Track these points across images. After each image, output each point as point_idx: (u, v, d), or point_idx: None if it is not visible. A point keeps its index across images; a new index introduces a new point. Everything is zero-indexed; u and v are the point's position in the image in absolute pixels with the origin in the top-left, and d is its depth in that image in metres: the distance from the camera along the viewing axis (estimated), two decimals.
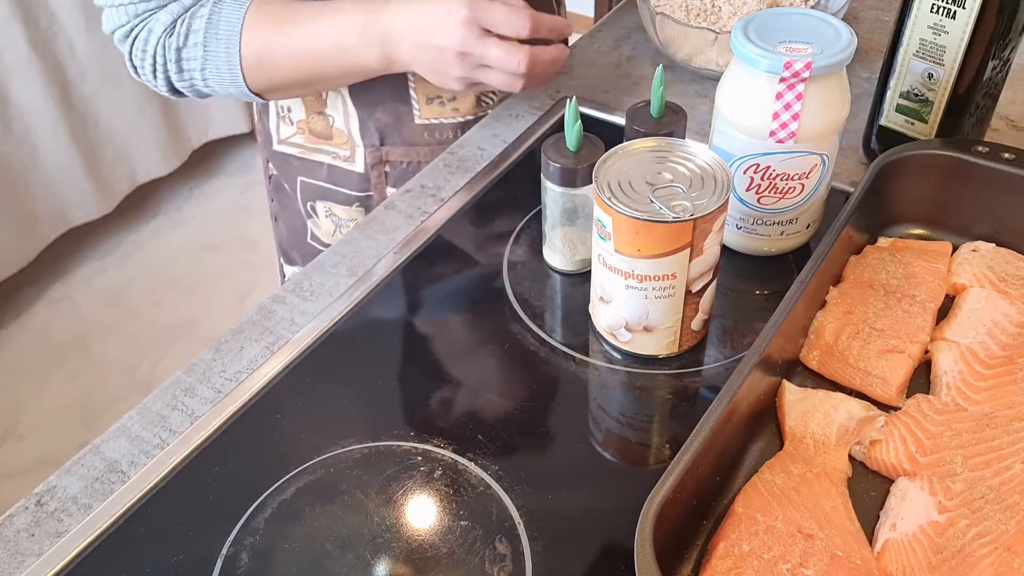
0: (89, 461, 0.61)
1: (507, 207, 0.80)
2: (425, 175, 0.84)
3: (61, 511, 0.58)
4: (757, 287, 0.72)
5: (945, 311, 0.65)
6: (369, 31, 0.77)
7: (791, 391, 0.60)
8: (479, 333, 0.70)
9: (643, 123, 0.69)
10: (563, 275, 0.73)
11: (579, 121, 0.64)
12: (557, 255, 0.72)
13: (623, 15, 1.08)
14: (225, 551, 0.55)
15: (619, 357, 0.66)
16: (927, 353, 0.62)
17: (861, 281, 0.66)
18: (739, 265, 0.72)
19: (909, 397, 0.60)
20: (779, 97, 0.63)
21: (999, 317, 0.63)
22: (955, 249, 0.69)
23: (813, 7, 0.92)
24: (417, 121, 0.92)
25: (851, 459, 0.57)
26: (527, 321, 0.69)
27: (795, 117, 0.63)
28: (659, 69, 0.68)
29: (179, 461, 0.60)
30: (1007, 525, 0.51)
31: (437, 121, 0.93)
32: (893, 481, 0.55)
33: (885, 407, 0.60)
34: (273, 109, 0.97)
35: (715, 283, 0.63)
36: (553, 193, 0.67)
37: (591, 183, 0.59)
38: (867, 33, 1.00)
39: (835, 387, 0.61)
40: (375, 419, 0.63)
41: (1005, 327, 0.62)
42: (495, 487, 0.58)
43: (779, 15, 0.66)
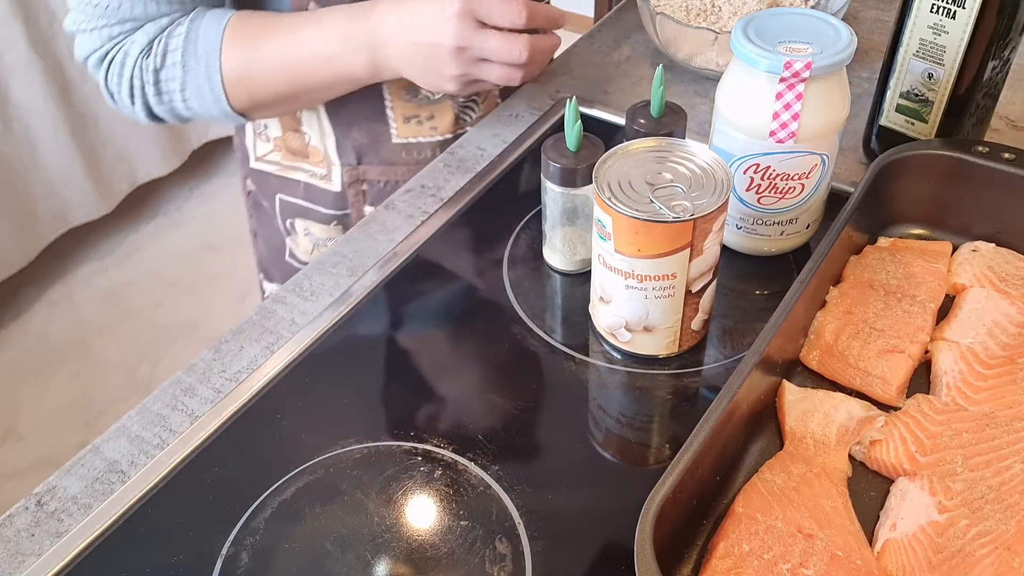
0: (89, 461, 0.61)
1: (507, 207, 0.80)
2: (425, 175, 0.84)
3: (61, 511, 0.58)
4: (757, 287, 0.72)
5: (945, 311, 0.65)
6: (355, 37, 0.75)
7: (791, 391, 0.60)
8: (479, 333, 0.70)
9: (643, 123, 0.69)
10: (563, 275, 0.73)
11: (579, 121, 0.64)
12: (557, 255, 0.72)
13: (623, 15, 1.08)
14: (225, 551, 0.55)
15: (619, 357, 0.66)
16: (927, 353, 0.62)
17: (861, 281, 0.66)
18: (739, 265, 0.72)
19: (909, 397, 0.60)
20: (779, 97, 0.63)
21: (999, 317, 0.63)
22: (955, 249, 0.69)
23: (813, 7, 0.92)
24: (394, 140, 0.91)
25: (851, 459, 0.57)
26: (527, 321, 0.69)
27: (795, 117, 0.63)
28: (659, 69, 0.68)
29: (179, 461, 0.60)
30: (1007, 525, 0.51)
31: (415, 140, 0.91)
32: (893, 481, 0.55)
33: (885, 407, 0.60)
34: (250, 126, 0.96)
35: (715, 283, 0.63)
36: (553, 193, 0.67)
37: (591, 183, 0.59)
38: (867, 33, 1.00)
39: (835, 387, 0.61)
40: (375, 419, 0.63)
41: (1005, 327, 0.62)
42: (495, 487, 0.58)
43: (779, 15, 0.66)
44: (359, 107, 0.88)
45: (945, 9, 0.69)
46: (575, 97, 0.66)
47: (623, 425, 0.62)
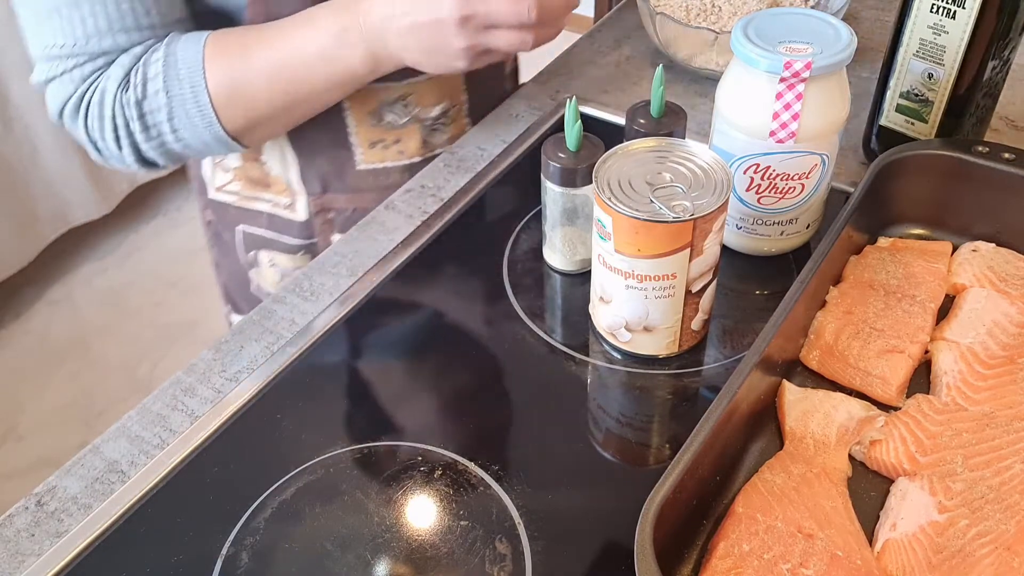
0: (89, 461, 0.61)
1: (507, 207, 0.80)
2: (425, 175, 0.84)
3: (61, 511, 0.58)
4: (757, 287, 0.72)
5: (945, 311, 0.65)
6: (348, 30, 0.70)
7: (791, 391, 0.60)
8: (479, 333, 0.70)
9: (643, 123, 0.69)
10: (563, 275, 0.73)
11: (579, 121, 0.64)
12: (557, 255, 0.72)
13: (623, 15, 1.08)
14: (225, 551, 0.55)
15: (619, 357, 0.66)
16: (927, 353, 0.62)
17: (861, 281, 0.66)
18: (739, 265, 0.72)
19: (909, 397, 0.60)
20: (779, 97, 0.63)
21: (999, 317, 0.63)
22: (955, 249, 0.69)
23: (813, 7, 0.92)
24: (360, 167, 0.86)
25: (851, 459, 0.57)
26: (527, 321, 0.69)
27: (795, 117, 0.63)
28: (659, 69, 0.68)
29: (179, 461, 0.60)
30: (1007, 525, 0.51)
31: (382, 165, 0.87)
32: (893, 481, 0.55)
33: (885, 407, 0.60)
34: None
35: (715, 283, 0.63)
36: (553, 193, 0.67)
37: (591, 183, 0.59)
38: (867, 33, 1.00)
39: (835, 387, 0.61)
40: (375, 419, 0.63)
41: (1005, 327, 0.62)
42: (495, 487, 0.58)
43: (779, 15, 0.66)
44: (321, 135, 0.83)
45: (945, 9, 0.69)
46: (575, 97, 0.66)
47: (623, 425, 0.62)
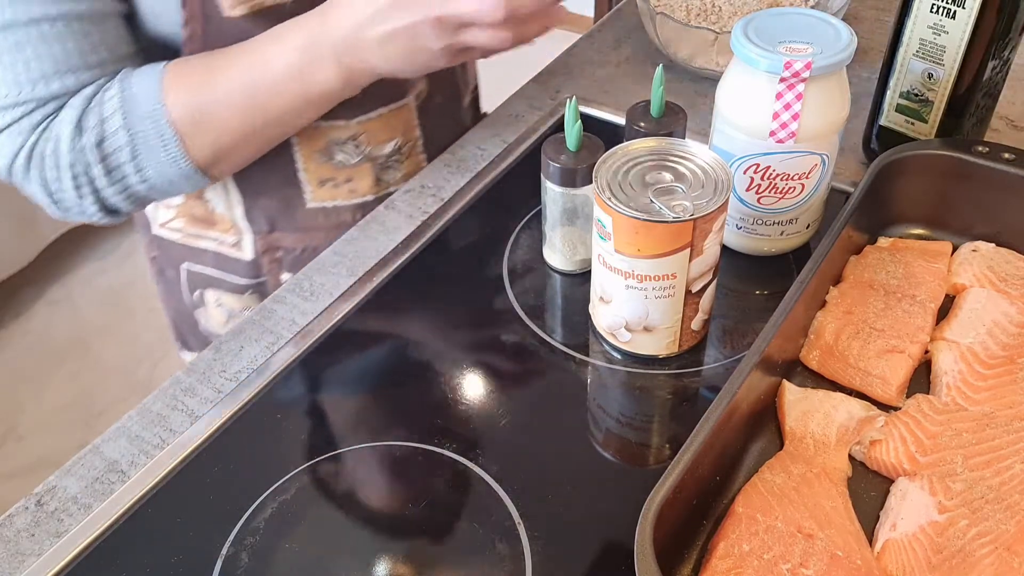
0: (89, 461, 0.61)
1: (507, 207, 0.80)
2: (425, 175, 0.84)
3: (61, 511, 0.58)
4: (757, 287, 0.72)
5: (945, 311, 0.65)
6: (317, 44, 0.67)
7: (791, 391, 0.60)
8: (479, 333, 0.70)
9: (643, 123, 0.69)
10: (563, 275, 0.73)
11: (579, 121, 0.64)
12: (557, 255, 0.72)
13: (623, 15, 1.08)
14: (225, 551, 0.55)
15: (619, 357, 0.66)
16: (927, 353, 0.62)
17: (861, 281, 0.66)
18: (739, 265, 0.72)
19: (909, 397, 0.60)
20: (779, 97, 0.63)
21: (999, 317, 0.63)
22: (955, 249, 0.69)
23: (813, 7, 0.92)
24: (309, 205, 0.83)
25: (851, 459, 0.57)
26: (527, 321, 0.69)
27: (795, 117, 0.63)
28: (659, 69, 0.68)
29: (179, 461, 0.60)
30: (1007, 525, 0.51)
31: (332, 204, 0.84)
32: (893, 481, 0.55)
33: (885, 407, 0.60)
34: None
35: (715, 283, 0.63)
36: (553, 193, 0.67)
37: (591, 183, 0.59)
38: (867, 33, 1.00)
39: (835, 387, 0.61)
40: (375, 419, 0.63)
41: (1005, 327, 0.62)
42: (495, 487, 0.58)
43: (779, 15, 0.66)
44: (269, 172, 0.80)
45: (945, 9, 0.69)
46: (575, 97, 0.66)
47: (623, 425, 0.62)
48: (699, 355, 0.66)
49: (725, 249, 0.67)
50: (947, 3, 0.68)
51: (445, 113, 0.89)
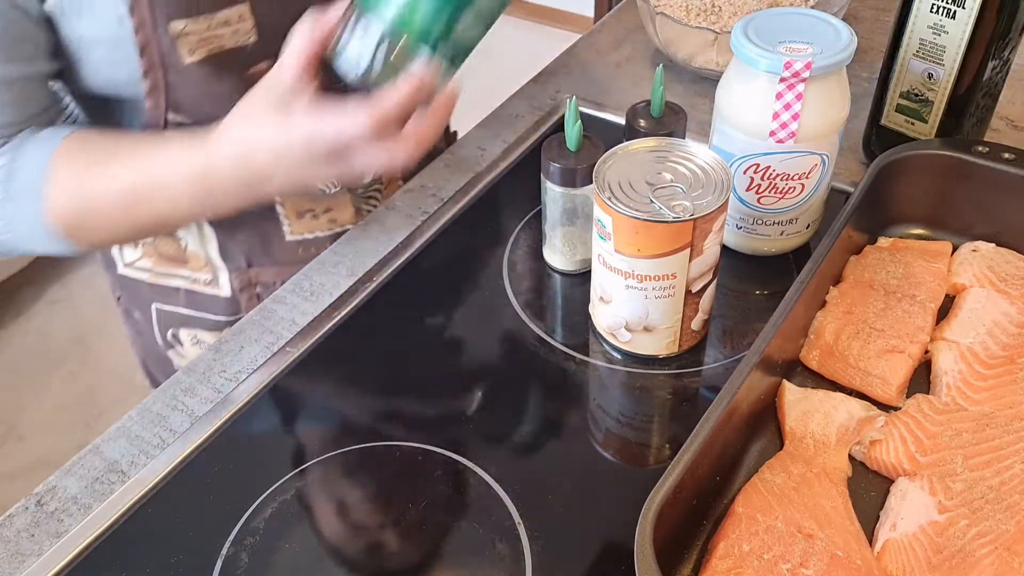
0: (89, 461, 0.61)
1: (507, 207, 0.80)
2: (425, 175, 0.84)
3: (61, 511, 0.58)
4: (757, 287, 0.72)
5: (945, 311, 0.65)
6: (208, 174, 0.63)
7: (791, 391, 0.60)
8: (479, 333, 0.70)
9: (643, 123, 0.69)
10: (563, 275, 0.73)
11: (579, 121, 0.64)
12: (557, 255, 0.72)
13: (623, 15, 1.08)
14: (225, 551, 0.55)
15: (619, 357, 0.66)
16: (927, 353, 0.62)
17: (861, 281, 0.66)
18: (739, 265, 0.72)
19: (909, 397, 0.60)
20: (779, 97, 0.63)
21: (999, 317, 0.63)
22: (955, 249, 0.69)
23: (813, 7, 0.92)
24: (288, 238, 0.81)
25: (851, 459, 0.57)
26: (527, 321, 0.69)
27: (795, 117, 0.63)
28: (659, 69, 0.68)
29: (179, 461, 0.60)
30: (1007, 525, 0.51)
31: (312, 235, 0.82)
32: (893, 481, 0.55)
33: (885, 407, 0.60)
34: None
35: (715, 283, 0.63)
36: (553, 193, 0.67)
37: (591, 183, 0.59)
38: (867, 33, 1.00)
39: (835, 387, 0.61)
40: (375, 419, 0.63)
41: (1005, 327, 0.62)
42: (495, 487, 0.58)
43: (779, 15, 0.66)
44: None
45: (945, 9, 0.69)
46: (575, 97, 0.66)
47: (623, 425, 0.62)
48: (699, 355, 0.66)
49: (725, 249, 0.67)
50: (947, 3, 0.68)
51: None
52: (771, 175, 0.66)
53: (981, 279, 0.66)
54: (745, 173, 0.67)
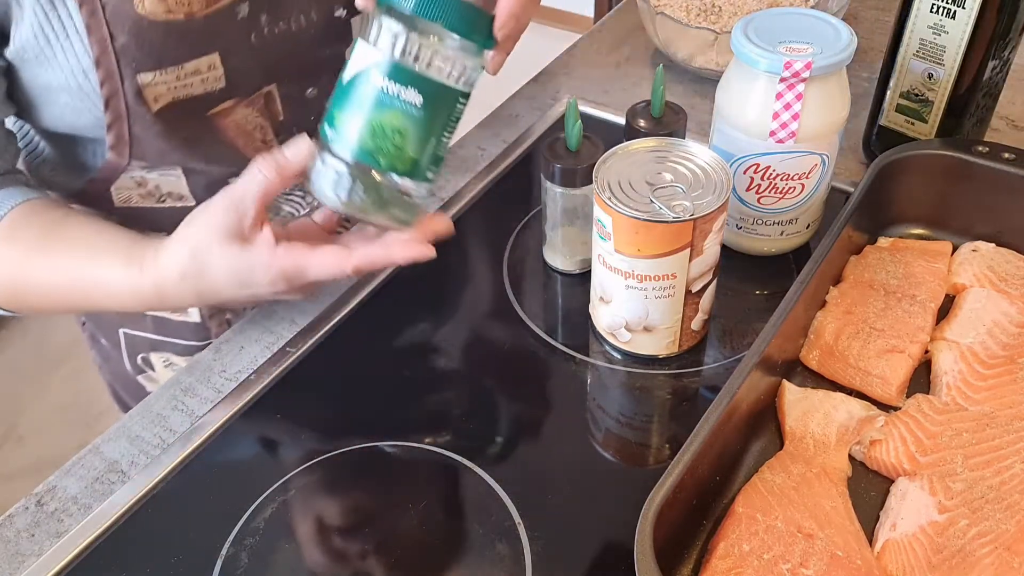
0: (89, 461, 0.61)
1: (507, 207, 0.80)
2: None
3: (61, 511, 0.58)
4: (757, 287, 0.72)
5: (945, 311, 0.65)
6: (153, 290, 0.61)
7: (791, 391, 0.60)
8: (479, 333, 0.70)
9: (643, 123, 0.69)
10: (563, 275, 0.73)
11: (579, 121, 0.64)
12: (557, 255, 0.72)
13: (623, 15, 1.08)
14: (225, 551, 0.55)
15: (619, 357, 0.66)
16: (927, 353, 0.62)
17: (861, 281, 0.66)
18: (739, 265, 0.72)
19: (909, 397, 0.60)
20: (779, 97, 0.63)
21: (999, 317, 0.63)
22: (955, 249, 0.69)
23: (813, 7, 0.92)
24: None
25: (851, 459, 0.57)
26: (527, 321, 0.69)
27: (795, 117, 0.63)
28: (659, 69, 0.68)
29: (179, 461, 0.60)
30: (1007, 525, 0.51)
31: None
32: (893, 481, 0.55)
33: (885, 407, 0.60)
34: None
35: (715, 283, 0.63)
36: (553, 193, 0.67)
37: (591, 183, 0.59)
38: (867, 33, 1.00)
39: (835, 387, 0.61)
40: (375, 419, 0.63)
41: (1005, 327, 0.62)
42: (495, 487, 0.58)
43: (779, 15, 0.66)
44: None
45: (945, 9, 0.69)
46: (575, 97, 0.66)
47: (623, 425, 0.62)
48: (699, 355, 0.66)
49: (725, 249, 0.67)
50: (947, 3, 0.68)
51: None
52: (771, 175, 0.66)
53: (981, 279, 0.66)
54: (745, 173, 0.67)
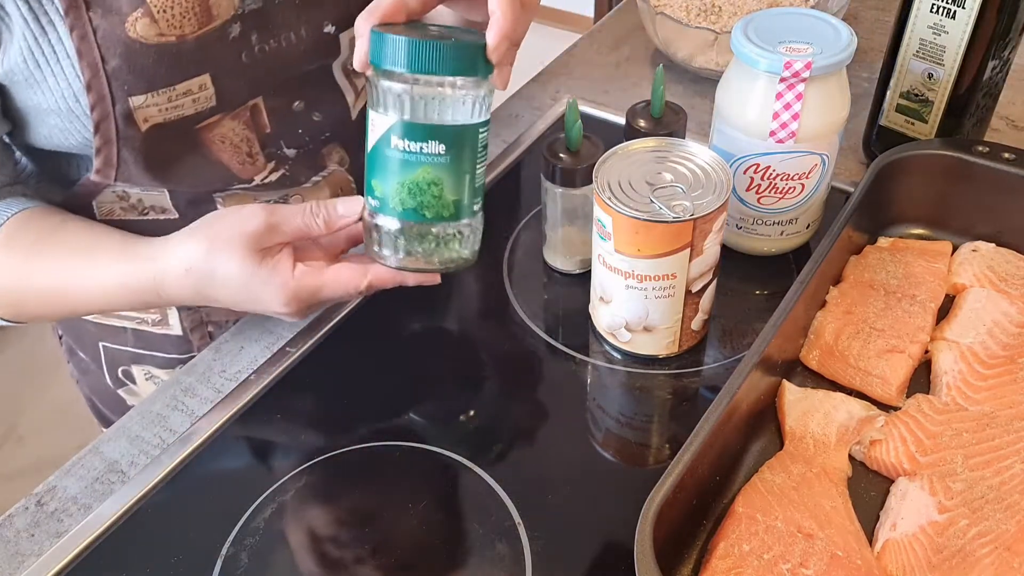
0: (89, 461, 0.61)
1: (507, 207, 0.80)
2: None
3: (61, 511, 0.58)
4: (757, 287, 0.72)
5: (945, 311, 0.65)
6: (154, 292, 0.62)
7: (791, 391, 0.60)
8: (479, 333, 0.70)
9: (643, 123, 0.69)
10: (563, 275, 0.73)
11: (579, 121, 0.64)
12: (557, 255, 0.72)
13: (623, 15, 1.08)
14: (225, 551, 0.55)
15: (619, 357, 0.66)
16: (927, 353, 0.62)
17: (861, 281, 0.66)
18: (739, 265, 0.72)
19: (909, 397, 0.60)
20: (779, 97, 0.63)
21: (999, 317, 0.63)
22: (955, 249, 0.69)
23: (813, 7, 0.92)
24: None
25: (851, 459, 0.57)
26: (527, 321, 0.69)
27: (795, 117, 0.63)
28: (659, 69, 0.68)
29: (179, 461, 0.60)
30: (1007, 525, 0.51)
31: None
32: (893, 481, 0.55)
33: (885, 407, 0.60)
34: None
35: (715, 283, 0.63)
36: (553, 193, 0.67)
37: (591, 183, 0.59)
38: (867, 33, 1.00)
39: (835, 387, 0.61)
40: (375, 419, 0.63)
41: (1005, 327, 0.62)
42: (495, 487, 0.58)
43: (779, 15, 0.66)
44: None
45: (945, 9, 0.69)
46: (575, 97, 0.66)
47: (623, 425, 0.62)
48: (699, 355, 0.66)
49: (725, 249, 0.67)
50: (947, 3, 0.68)
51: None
52: (771, 175, 0.66)
53: (981, 279, 0.66)
54: (745, 173, 0.67)
